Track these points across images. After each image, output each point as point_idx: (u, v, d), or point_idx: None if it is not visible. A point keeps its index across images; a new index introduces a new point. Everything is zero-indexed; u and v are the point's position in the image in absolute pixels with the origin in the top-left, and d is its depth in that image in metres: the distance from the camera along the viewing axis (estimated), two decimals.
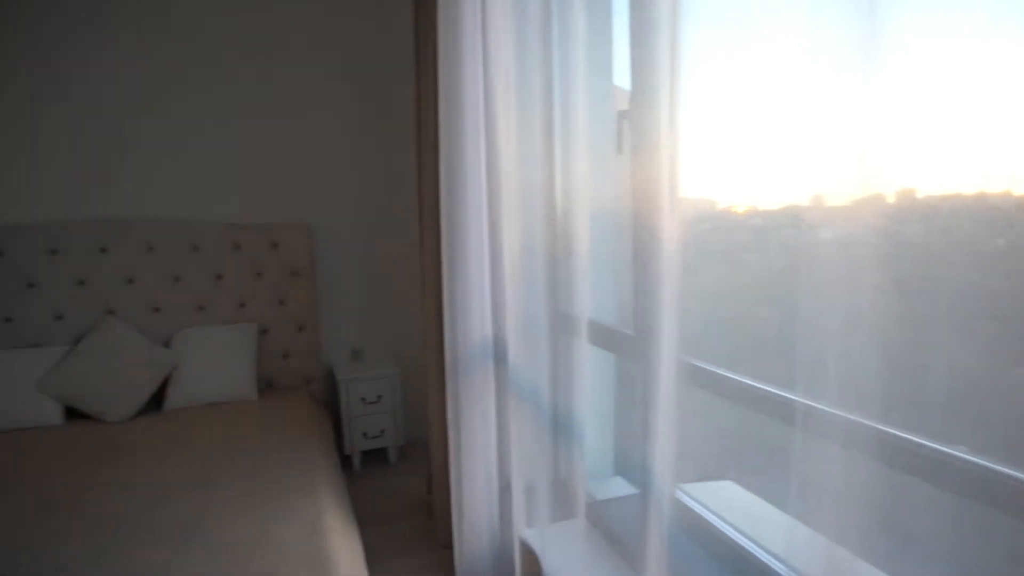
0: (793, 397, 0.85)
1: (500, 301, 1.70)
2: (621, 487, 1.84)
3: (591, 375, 1.25)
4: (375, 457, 2.95)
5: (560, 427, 1.45)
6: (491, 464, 1.84)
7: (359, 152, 2.95)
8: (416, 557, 2.15)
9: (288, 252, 2.75)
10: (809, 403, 0.73)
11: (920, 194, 0.78)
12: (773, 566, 1.07)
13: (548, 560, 1.42)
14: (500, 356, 1.73)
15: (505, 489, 1.92)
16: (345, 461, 2.68)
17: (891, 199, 0.73)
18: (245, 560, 1.36)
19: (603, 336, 1.45)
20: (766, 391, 0.98)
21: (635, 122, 1.11)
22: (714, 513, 1.26)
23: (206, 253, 2.65)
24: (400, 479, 2.75)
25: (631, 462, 1.76)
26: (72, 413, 2.37)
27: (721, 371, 1.09)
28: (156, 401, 2.48)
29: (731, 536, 1.19)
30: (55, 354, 2.39)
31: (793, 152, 0.91)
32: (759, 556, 1.10)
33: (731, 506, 1.29)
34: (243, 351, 2.59)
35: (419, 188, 2.10)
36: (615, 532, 1.37)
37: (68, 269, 2.49)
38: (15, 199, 2.49)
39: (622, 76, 1.57)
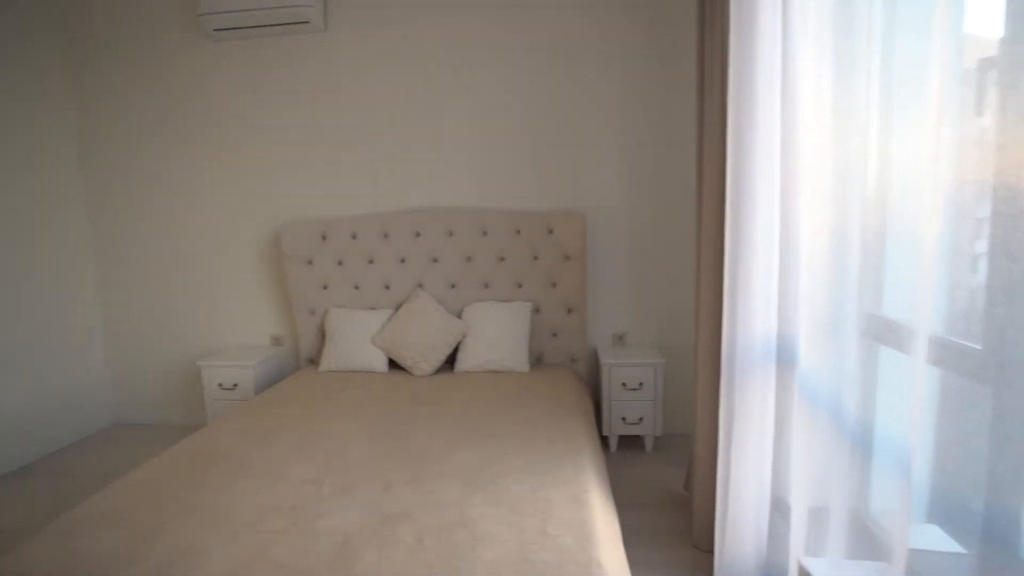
0: None
1: (791, 295, 1.51)
2: (939, 539, 1.47)
3: (924, 396, 1.01)
4: (630, 443, 2.98)
5: (865, 449, 1.22)
6: (764, 475, 1.67)
7: (633, 142, 2.98)
8: (668, 552, 2.09)
9: (562, 238, 2.93)
10: None
11: None
12: None
13: None
14: (786, 356, 1.55)
15: (779, 505, 1.72)
16: (602, 441, 2.76)
17: None
18: (519, 512, 1.51)
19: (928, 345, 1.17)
20: None
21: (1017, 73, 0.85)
22: None
23: (493, 237, 3.01)
24: (655, 469, 2.72)
25: (965, 512, 1.39)
26: (392, 364, 2.97)
27: None
28: (449, 363, 2.94)
29: None
30: (384, 316, 3.02)
31: None
32: None
33: None
34: (519, 327, 2.87)
35: (699, 176, 2.00)
36: None
37: (394, 249, 3.10)
38: (362, 196, 3.21)
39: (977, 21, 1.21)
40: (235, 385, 3.05)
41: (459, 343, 2.90)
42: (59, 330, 3.34)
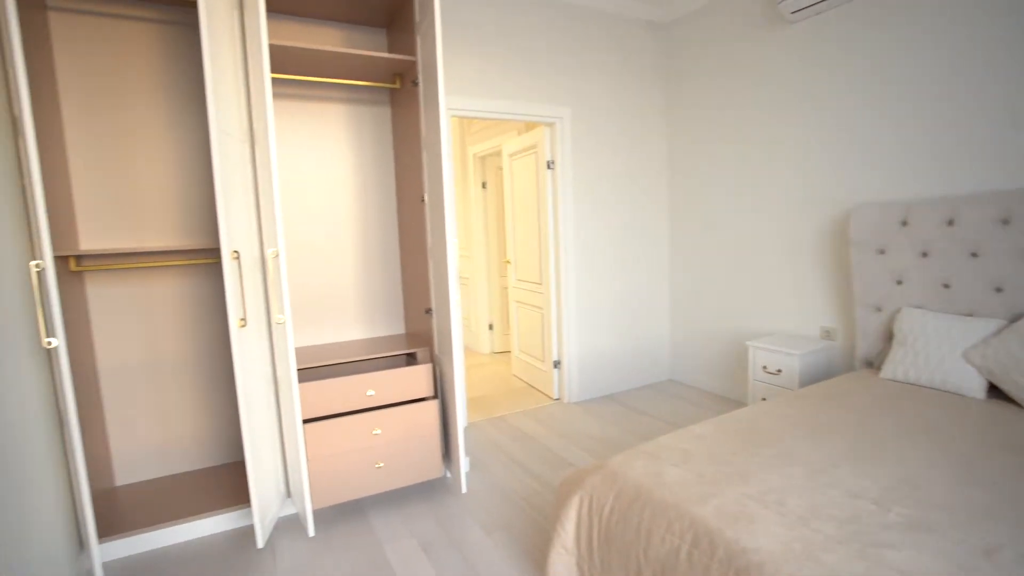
0: None
1: None
2: None
3: None
4: None
5: None
6: None
7: None
8: None
9: None
10: None
11: None
12: None
13: None
14: None
15: None
16: None
17: None
18: None
19: None
20: None
21: None
22: None
23: None
24: None
25: None
26: (994, 391, 2.24)
27: None
28: None
29: None
30: (987, 327, 2.29)
31: None
32: None
33: None
34: None
35: None
36: None
37: (1015, 240, 2.29)
38: (962, 171, 2.50)
39: None
40: (779, 371, 3.02)
41: None
42: (644, 301, 4.20)
